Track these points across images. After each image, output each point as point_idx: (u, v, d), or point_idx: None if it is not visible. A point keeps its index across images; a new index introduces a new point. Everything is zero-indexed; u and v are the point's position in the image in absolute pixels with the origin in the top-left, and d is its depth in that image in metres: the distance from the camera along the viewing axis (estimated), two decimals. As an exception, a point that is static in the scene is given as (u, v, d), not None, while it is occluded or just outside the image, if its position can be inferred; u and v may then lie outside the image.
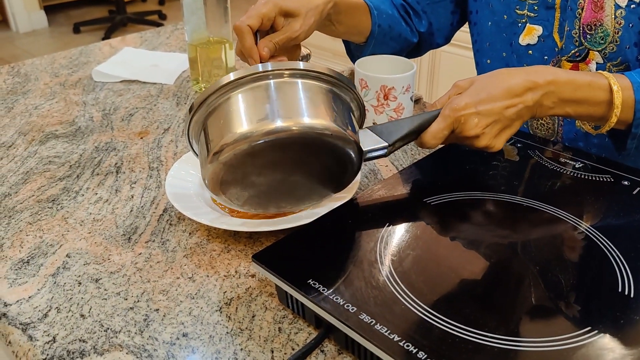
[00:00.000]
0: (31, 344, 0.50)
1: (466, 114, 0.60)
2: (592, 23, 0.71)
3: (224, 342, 0.50)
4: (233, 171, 0.56)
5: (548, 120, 0.80)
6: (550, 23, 0.75)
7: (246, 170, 0.57)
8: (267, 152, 0.55)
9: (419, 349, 0.42)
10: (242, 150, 0.54)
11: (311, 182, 0.61)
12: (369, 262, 0.52)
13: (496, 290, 0.49)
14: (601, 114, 0.64)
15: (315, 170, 0.59)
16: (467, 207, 0.60)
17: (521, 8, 0.77)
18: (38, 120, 0.92)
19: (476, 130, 0.61)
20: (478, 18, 0.84)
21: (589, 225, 0.56)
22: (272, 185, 0.60)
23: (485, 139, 0.62)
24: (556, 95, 0.62)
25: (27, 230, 0.66)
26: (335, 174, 0.61)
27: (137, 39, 1.30)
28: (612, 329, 0.44)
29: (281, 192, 0.61)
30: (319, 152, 0.57)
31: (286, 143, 0.54)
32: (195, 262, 0.60)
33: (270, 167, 0.57)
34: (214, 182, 0.57)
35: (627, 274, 0.49)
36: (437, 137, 0.62)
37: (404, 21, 0.91)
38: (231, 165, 0.55)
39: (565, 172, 0.65)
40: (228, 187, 0.58)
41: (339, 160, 0.58)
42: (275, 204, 0.63)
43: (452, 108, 0.61)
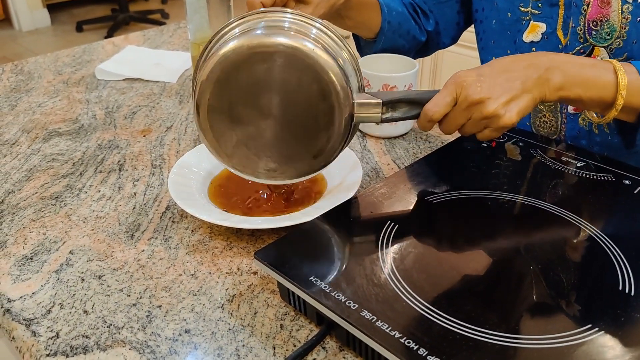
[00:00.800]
0: (35, 339, 0.51)
1: (469, 79, 0.59)
2: (597, 19, 0.71)
3: (226, 338, 0.50)
4: (220, 93, 0.57)
5: (551, 117, 0.80)
6: (554, 20, 0.75)
7: (233, 94, 0.58)
8: (252, 67, 0.56)
9: (420, 346, 0.42)
10: (228, 61, 0.56)
11: (298, 129, 0.60)
12: (370, 260, 0.52)
13: (497, 287, 0.49)
14: (611, 99, 0.63)
15: (301, 110, 0.59)
16: (469, 205, 0.60)
17: (525, 5, 0.77)
18: (41, 118, 0.93)
19: (481, 94, 0.59)
20: (483, 16, 0.85)
21: (590, 223, 0.56)
22: (259, 127, 0.59)
23: (492, 104, 0.59)
24: (561, 71, 0.61)
25: (31, 227, 0.66)
26: (322, 121, 0.59)
27: (140, 37, 1.31)
28: (612, 327, 0.44)
29: (268, 140, 0.60)
30: (303, 76, 0.57)
31: (270, 55, 0.56)
32: (198, 259, 0.60)
33: (255, 93, 0.58)
34: (203, 108, 0.58)
35: (628, 272, 0.49)
36: (439, 104, 0.60)
37: (413, 19, 0.92)
38: (217, 81, 0.57)
39: (567, 171, 0.65)
40: (216, 121, 0.59)
41: (323, 95, 0.58)
42: (264, 162, 0.62)
43: (455, 77, 0.60)
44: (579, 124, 0.78)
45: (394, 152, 0.81)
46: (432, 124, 0.62)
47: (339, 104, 0.58)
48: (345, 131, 0.60)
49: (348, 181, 0.67)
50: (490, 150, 0.70)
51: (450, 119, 0.61)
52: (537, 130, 0.83)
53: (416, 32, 0.92)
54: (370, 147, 0.82)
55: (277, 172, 0.62)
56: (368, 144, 0.83)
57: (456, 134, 0.76)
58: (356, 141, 0.84)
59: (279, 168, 0.62)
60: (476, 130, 0.62)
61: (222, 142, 0.60)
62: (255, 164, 0.62)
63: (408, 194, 0.62)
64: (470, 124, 0.61)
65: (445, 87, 0.61)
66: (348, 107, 0.58)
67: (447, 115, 0.61)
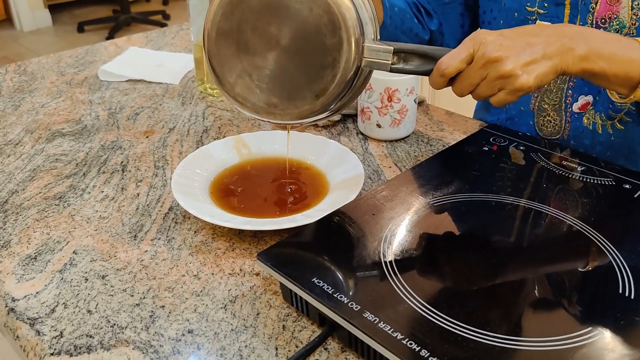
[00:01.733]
0: (39, 338, 0.51)
1: (489, 37, 0.57)
2: (606, 16, 0.71)
3: (229, 338, 0.51)
4: (230, 15, 0.59)
5: (555, 116, 0.81)
6: (559, 19, 0.76)
7: (242, 18, 0.59)
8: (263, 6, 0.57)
9: (422, 347, 0.42)
10: None
11: (303, 63, 0.59)
12: (372, 261, 0.52)
13: (498, 290, 0.49)
14: (636, 76, 0.60)
15: (308, 42, 0.58)
16: (470, 208, 0.60)
17: (532, 5, 0.78)
18: (45, 119, 0.93)
19: (499, 52, 0.56)
20: (492, 17, 0.85)
21: (591, 227, 0.56)
22: (264, 57, 0.60)
23: (511, 62, 0.56)
24: (586, 41, 0.59)
25: (35, 227, 0.66)
26: (329, 57, 0.58)
27: (142, 38, 1.31)
28: (612, 330, 0.44)
29: (272, 72, 0.60)
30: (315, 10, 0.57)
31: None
32: (201, 260, 0.61)
33: (264, 19, 0.58)
34: (213, 28, 0.59)
35: (628, 276, 0.50)
36: (455, 58, 0.58)
37: (416, 18, 0.92)
38: (230, 3, 0.58)
39: (568, 175, 0.66)
40: (223, 47, 0.60)
41: (332, 27, 0.57)
42: (267, 95, 0.61)
43: (474, 33, 0.59)
44: (583, 123, 0.79)
45: (395, 155, 0.81)
46: (444, 79, 0.59)
47: (348, 40, 0.57)
48: (352, 75, 0.59)
49: (350, 183, 0.68)
50: (492, 154, 0.70)
51: (465, 76, 0.59)
52: (541, 130, 0.83)
53: (419, 31, 0.92)
54: (372, 149, 0.83)
55: (277, 108, 0.61)
56: (370, 147, 0.83)
57: (456, 136, 0.76)
58: (358, 144, 0.84)
59: (280, 104, 0.61)
60: (490, 92, 0.59)
61: (227, 68, 0.61)
62: (257, 97, 0.61)
63: (410, 197, 0.62)
64: (485, 84, 0.58)
65: (463, 43, 0.58)
66: (357, 47, 0.57)
67: (462, 72, 0.59)
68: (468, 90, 0.60)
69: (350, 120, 0.91)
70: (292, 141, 0.77)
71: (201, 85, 1.03)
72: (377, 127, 0.83)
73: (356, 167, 0.71)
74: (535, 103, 0.82)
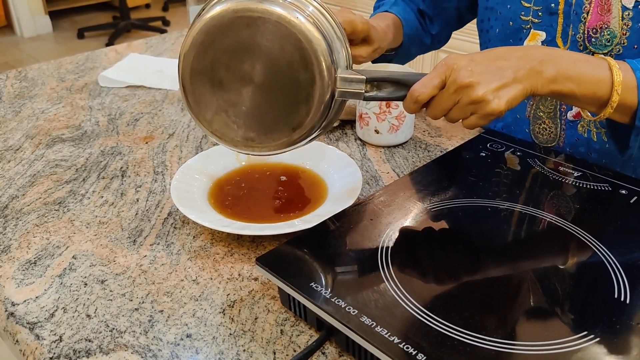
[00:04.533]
0: (38, 342, 0.51)
1: (460, 62, 0.58)
2: (597, 26, 0.72)
3: (227, 343, 0.51)
4: (203, 55, 0.59)
5: (550, 124, 0.81)
6: (553, 29, 0.77)
7: (215, 57, 0.59)
8: (235, 32, 0.57)
9: (418, 351, 0.43)
10: (213, 23, 0.57)
11: (278, 99, 0.60)
12: (370, 266, 0.53)
13: (495, 294, 0.49)
14: (605, 95, 0.62)
15: (282, 79, 0.59)
16: (467, 213, 0.61)
17: (526, 14, 0.79)
18: (45, 124, 0.94)
19: (470, 78, 0.57)
20: (489, 25, 0.86)
21: (587, 232, 0.57)
22: (239, 93, 0.60)
23: (481, 88, 0.57)
24: (554, 63, 0.60)
25: (34, 232, 0.67)
26: (303, 92, 0.59)
27: (142, 45, 1.32)
28: (608, 334, 0.45)
29: (248, 109, 0.61)
30: (285, 44, 0.57)
31: (254, 21, 0.56)
32: (199, 264, 0.61)
33: (237, 57, 0.58)
34: (187, 67, 0.60)
35: (623, 280, 0.50)
36: (427, 85, 0.59)
37: (420, 25, 0.95)
38: (202, 43, 0.58)
39: (564, 180, 0.66)
40: (198, 85, 0.60)
41: (305, 64, 0.57)
42: (244, 130, 0.62)
43: (445, 59, 0.60)
44: (578, 131, 0.79)
45: (393, 161, 0.81)
46: (417, 105, 0.61)
47: (321, 75, 0.58)
48: (326, 106, 0.59)
49: (348, 189, 0.68)
50: (489, 160, 0.71)
51: (437, 102, 0.60)
52: (536, 137, 0.84)
53: (423, 37, 0.95)
54: (370, 155, 0.83)
55: (255, 142, 0.62)
56: (368, 153, 0.84)
57: (454, 142, 0.77)
58: (356, 149, 0.85)
59: (257, 138, 0.62)
60: (462, 116, 0.60)
61: (203, 105, 0.61)
62: (235, 132, 0.62)
63: (407, 202, 0.62)
64: (457, 109, 0.60)
65: (434, 69, 0.60)
66: (329, 80, 0.58)
67: (434, 98, 0.60)
68: (441, 114, 0.61)
69: (349, 126, 0.92)
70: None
71: (200, 91, 1.03)
72: (375, 132, 0.84)
73: (354, 172, 0.71)
74: (530, 111, 0.83)
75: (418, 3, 0.94)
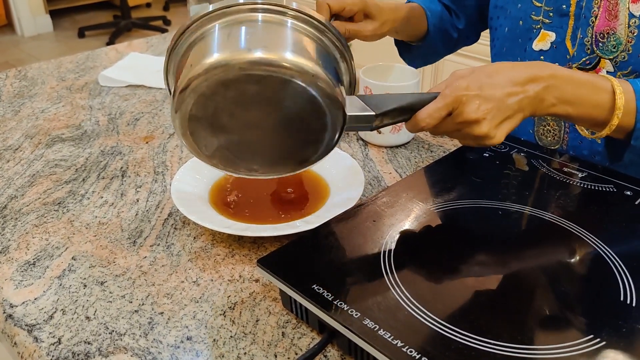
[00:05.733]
0: (37, 345, 0.51)
1: (469, 94, 0.58)
2: (605, 31, 0.71)
3: (228, 345, 0.51)
4: (204, 104, 0.53)
5: (555, 126, 0.81)
6: (563, 30, 0.76)
7: (218, 107, 0.54)
8: (242, 86, 0.52)
9: (422, 355, 0.42)
10: (216, 78, 0.51)
11: (285, 141, 0.58)
12: (372, 268, 0.52)
13: (499, 297, 0.49)
14: (602, 118, 0.63)
15: (291, 125, 0.56)
16: (470, 215, 0.60)
17: (537, 14, 0.78)
18: (44, 124, 0.93)
19: (477, 114, 0.57)
20: (498, 24, 0.86)
21: (592, 234, 0.56)
22: (243, 136, 0.57)
23: (486, 126, 0.58)
24: (558, 90, 0.60)
25: (33, 233, 0.66)
26: (312, 136, 0.57)
27: (143, 44, 1.31)
28: (614, 338, 0.44)
29: (253, 148, 0.58)
30: (297, 98, 0.53)
31: (264, 78, 0.51)
32: (200, 266, 0.60)
33: (243, 107, 0.54)
34: (182, 115, 0.53)
35: (630, 283, 0.49)
36: (433, 116, 0.58)
37: (448, 17, 0.95)
38: (202, 94, 0.52)
39: (568, 182, 0.66)
40: (197, 128, 0.55)
41: (317, 115, 0.55)
42: (247, 163, 0.60)
43: (455, 88, 0.58)
44: (582, 134, 0.79)
45: (395, 161, 0.81)
46: (420, 130, 0.61)
47: (333, 124, 0.56)
48: (335, 143, 0.59)
49: (350, 190, 0.68)
50: (492, 160, 0.70)
51: (440, 126, 0.60)
52: (540, 139, 0.83)
53: (450, 29, 0.95)
54: (372, 155, 0.82)
55: (258, 171, 0.61)
56: (370, 153, 0.83)
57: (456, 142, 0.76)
58: (358, 150, 0.84)
59: (260, 169, 0.60)
60: (460, 140, 0.62)
61: (201, 146, 0.57)
62: (237, 165, 0.60)
63: (410, 203, 0.62)
64: (457, 135, 0.61)
65: (442, 97, 0.59)
66: (341, 123, 0.56)
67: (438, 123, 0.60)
68: (441, 134, 0.62)
69: (351, 126, 0.91)
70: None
71: (201, 90, 1.02)
72: (378, 132, 0.83)
73: (356, 173, 0.71)
74: None
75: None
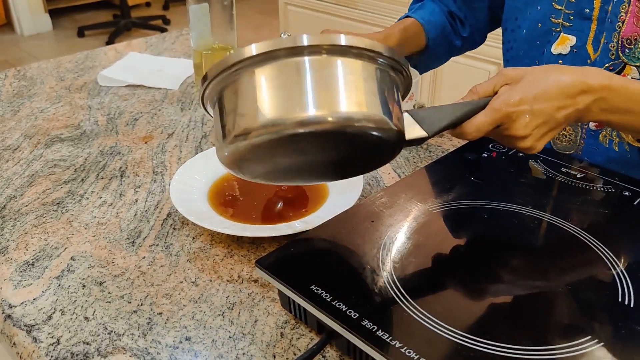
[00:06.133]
0: (35, 345, 0.51)
1: (519, 110, 0.55)
2: (632, 37, 0.69)
3: (227, 346, 0.51)
4: (256, 153, 0.50)
5: (571, 131, 0.79)
6: (584, 34, 0.74)
7: (273, 153, 0.51)
8: (297, 138, 0.48)
9: (420, 356, 0.42)
10: (267, 140, 0.48)
11: (336, 165, 0.56)
12: (371, 269, 0.52)
13: (497, 297, 0.49)
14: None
15: (346, 155, 0.54)
16: (469, 215, 0.60)
17: (557, 17, 0.76)
18: (43, 124, 0.93)
19: (525, 131, 0.56)
20: (516, 25, 0.84)
21: (592, 236, 0.56)
22: (293, 165, 0.55)
23: (531, 140, 0.57)
24: (607, 102, 0.58)
25: (32, 233, 0.66)
26: (367, 163, 0.57)
27: (142, 44, 1.31)
28: (612, 338, 0.44)
29: (301, 170, 0.57)
30: (356, 141, 0.50)
31: (319, 134, 0.48)
32: (199, 266, 0.60)
33: (298, 153, 0.52)
34: (233, 156, 0.51)
35: (628, 284, 0.49)
36: (481, 130, 0.56)
37: (450, 26, 0.94)
38: (257, 145, 0.49)
39: (569, 182, 0.66)
40: (246, 164, 0.53)
41: (374, 147, 0.52)
42: (290, 178, 0.59)
43: (505, 102, 0.56)
44: (599, 140, 0.77)
45: (394, 162, 0.81)
46: (464, 139, 0.59)
47: (391, 150, 0.54)
48: (386, 162, 0.58)
49: (349, 190, 0.68)
50: (491, 161, 0.70)
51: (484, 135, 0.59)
52: (555, 143, 0.82)
53: (453, 39, 0.94)
54: (371, 156, 0.82)
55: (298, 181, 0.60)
56: (369, 153, 0.83)
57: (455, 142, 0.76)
58: (357, 150, 0.84)
59: (303, 182, 0.60)
60: (498, 141, 0.61)
61: (247, 173, 0.54)
62: (278, 180, 0.59)
63: (408, 204, 0.62)
64: (498, 139, 0.60)
65: (492, 111, 0.56)
66: (399, 149, 0.54)
67: None
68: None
69: (350, 126, 0.91)
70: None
71: (200, 90, 1.02)
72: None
73: (355, 173, 0.71)
74: None
75: (449, 4, 0.93)
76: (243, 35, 3.92)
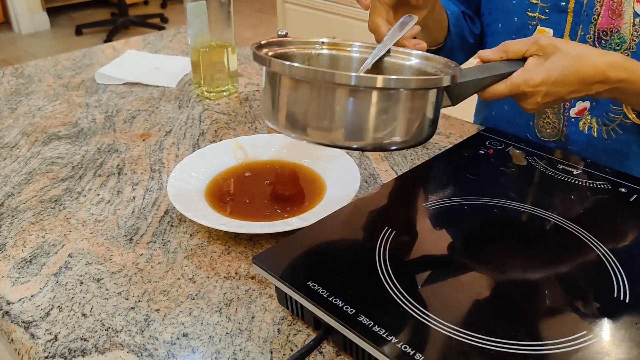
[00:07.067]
0: (33, 342, 0.51)
1: (536, 91, 0.60)
2: (608, 29, 0.71)
3: (224, 342, 0.51)
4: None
5: (554, 119, 0.81)
6: (561, 26, 0.76)
7: None
8: None
9: (416, 351, 0.42)
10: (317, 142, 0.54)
11: None
12: (368, 265, 0.52)
13: (492, 293, 0.49)
14: None
15: None
16: (465, 212, 0.60)
17: (532, 10, 0.77)
18: (41, 122, 0.93)
19: (533, 106, 0.61)
20: (491, 19, 0.85)
21: (586, 230, 0.56)
22: None
23: (534, 109, 0.62)
24: (619, 91, 0.62)
25: (30, 230, 0.66)
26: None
27: (140, 41, 1.31)
28: (607, 334, 0.44)
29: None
30: None
31: None
32: (196, 263, 0.61)
33: None
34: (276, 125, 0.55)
35: (623, 279, 0.50)
36: (497, 96, 0.61)
37: (465, 21, 0.93)
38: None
39: (564, 178, 0.66)
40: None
41: None
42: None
43: (526, 82, 0.60)
44: (579, 127, 0.79)
45: (391, 159, 0.81)
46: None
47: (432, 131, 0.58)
48: None
49: (346, 187, 0.68)
50: (487, 157, 0.71)
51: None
52: (540, 131, 0.83)
53: (467, 34, 0.93)
54: (368, 153, 0.83)
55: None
56: (366, 150, 0.83)
57: (452, 139, 0.76)
58: (354, 147, 0.84)
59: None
60: None
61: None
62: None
63: (405, 201, 0.62)
64: None
65: (512, 85, 0.60)
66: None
67: None
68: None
69: (347, 123, 0.91)
70: (289, 144, 0.78)
71: (198, 88, 1.03)
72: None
73: (352, 170, 0.71)
74: None
75: (457, 4, 0.93)
76: (240, 33, 3.92)
